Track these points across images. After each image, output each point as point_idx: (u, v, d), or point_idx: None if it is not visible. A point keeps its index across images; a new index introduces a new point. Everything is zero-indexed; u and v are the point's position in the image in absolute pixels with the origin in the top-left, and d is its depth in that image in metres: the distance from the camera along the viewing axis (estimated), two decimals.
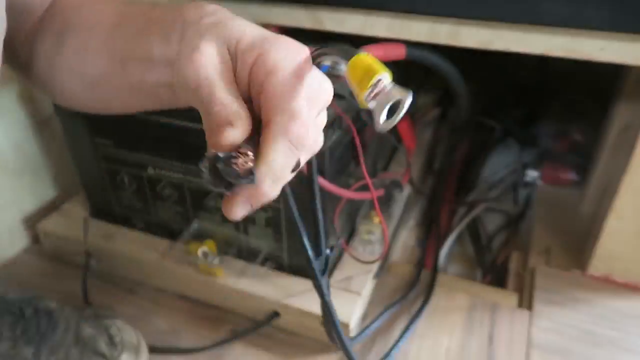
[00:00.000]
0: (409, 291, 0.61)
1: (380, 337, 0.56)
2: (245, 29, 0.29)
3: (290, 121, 0.26)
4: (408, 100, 0.24)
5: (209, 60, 0.28)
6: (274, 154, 0.26)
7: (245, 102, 0.28)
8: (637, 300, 0.60)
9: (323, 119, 0.31)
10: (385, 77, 0.25)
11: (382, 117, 0.24)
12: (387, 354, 0.54)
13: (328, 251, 0.44)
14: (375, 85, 0.24)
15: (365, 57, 0.26)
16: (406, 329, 0.56)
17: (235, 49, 0.29)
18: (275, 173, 0.27)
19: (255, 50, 0.28)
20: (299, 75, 0.27)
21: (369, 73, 0.25)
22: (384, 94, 0.24)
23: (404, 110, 0.24)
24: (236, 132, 0.26)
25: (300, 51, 0.29)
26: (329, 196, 0.52)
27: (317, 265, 0.44)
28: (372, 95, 0.24)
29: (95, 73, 0.37)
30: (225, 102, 0.27)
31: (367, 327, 0.56)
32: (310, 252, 0.43)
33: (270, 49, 0.28)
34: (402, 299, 0.60)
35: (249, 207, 0.28)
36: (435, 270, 0.65)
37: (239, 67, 0.29)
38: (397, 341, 0.55)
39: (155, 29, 0.32)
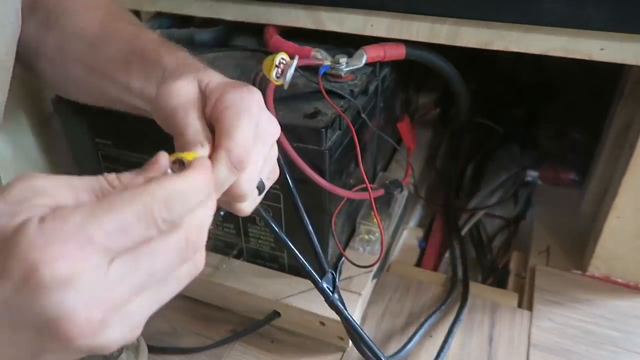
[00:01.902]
0: (445, 301, 0.60)
1: (380, 336, 0.56)
2: (214, 75, 0.36)
3: (234, 145, 0.31)
4: (295, 62, 0.35)
5: (185, 92, 0.34)
6: (217, 170, 0.31)
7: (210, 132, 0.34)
8: (637, 300, 0.60)
9: (274, 153, 0.37)
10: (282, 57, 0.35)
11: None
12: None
13: (332, 271, 0.46)
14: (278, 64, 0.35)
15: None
16: (447, 338, 0.55)
17: (205, 88, 0.34)
18: (217, 185, 0.31)
19: (220, 90, 0.34)
20: (249, 113, 0.33)
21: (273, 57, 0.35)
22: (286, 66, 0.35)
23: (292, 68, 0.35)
24: (204, 151, 0.32)
25: (255, 94, 0.34)
26: (328, 196, 0.52)
27: (326, 283, 0.45)
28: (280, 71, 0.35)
29: (74, 74, 0.41)
30: (197, 127, 0.33)
31: (406, 343, 0.54)
32: (315, 275, 0.45)
33: (230, 91, 0.33)
34: (442, 307, 0.59)
35: None
36: (466, 278, 0.64)
37: (207, 103, 0.34)
38: (440, 352, 0.53)
39: (137, 63, 0.38)
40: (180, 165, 0.29)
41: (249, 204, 0.35)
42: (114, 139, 0.58)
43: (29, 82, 0.66)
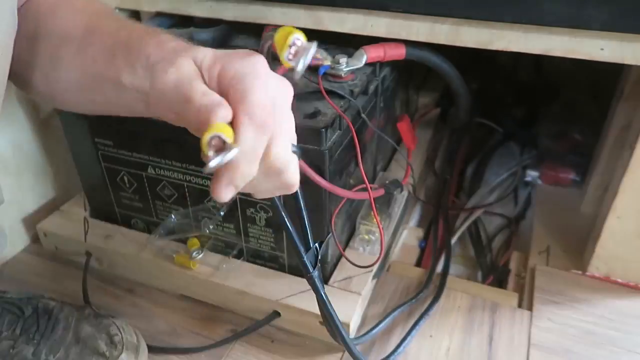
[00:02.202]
0: (419, 293, 0.61)
1: (381, 338, 0.56)
2: (207, 50, 0.34)
3: (253, 107, 0.30)
4: (313, 48, 0.30)
5: (185, 67, 0.33)
6: (243, 135, 0.30)
7: None
8: (637, 300, 0.60)
9: (291, 115, 0.34)
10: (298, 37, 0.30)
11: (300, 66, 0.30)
12: (391, 354, 0.53)
13: (317, 245, 0.45)
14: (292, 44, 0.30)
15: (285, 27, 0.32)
16: (410, 329, 0.56)
17: (201, 64, 0.33)
18: (247, 152, 0.30)
19: (218, 63, 0.32)
20: (257, 76, 0.31)
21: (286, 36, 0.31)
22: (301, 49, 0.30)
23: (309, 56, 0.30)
24: (226, 110, 0.30)
25: (258, 58, 0.33)
26: (328, 196, 0.52)
27: (308, 258, 0.44)
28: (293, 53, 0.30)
29: (70, 81, 0.40)
30: (208, 91, 0.31)
31: (373, 327, 0.55)
32: (300, 247, 0.44)
33: (231, 60, 0.32)
34: (413, 300, 0.60)
35: (232, 188, 0.31)
36: (446, 273, 0.64)
37: (206, 79, 0.33)
38: (401, 343, 0.55)
39: (121, 55, 0.36)
40: (218, 142, 0.28)
41: (293, 174, 0.34)
42: (114, 139, 0.58)
43: None
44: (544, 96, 0.98)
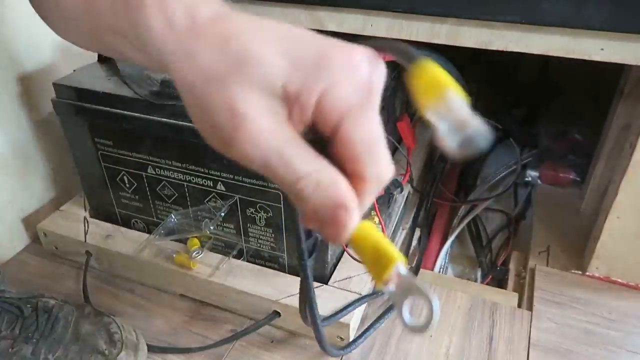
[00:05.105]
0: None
1: (380, 340, 0.56)
2: (280, 63, 0.21)
3: (382, 172, 0.23)
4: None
5: (263, 125, 0.21)
6: (368, 202, 0.24)
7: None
8: (637, 300, 0.60)
9: None
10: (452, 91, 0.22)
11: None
12: (352, 343, 0.54)
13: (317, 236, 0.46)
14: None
15: (430, 67, 0.23)
16: (374, 322, 0.56)
17: (284, 93, 0.21)
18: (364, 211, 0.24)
19: (313, 86, 0.21)
20: (373, 107, 0.22)
21: (438, 87, 0.22)
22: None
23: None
24: (354, 216, 0.22)
25: (366, 70, 0.23)
26: None
27: (306, 245, 0.44)
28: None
29: (69, 12, 0.31)
30: (319, 175, 0.21)
31: (336, 313, 0.54)
32: (302, 234, 0.44)
33: (335, 82, 0.22)
34: (373, 295, 0.59)
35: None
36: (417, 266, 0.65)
37: (295, 112, 0.22)
38: (365, 331, 0.55)
39: (119, 27, 0.26)
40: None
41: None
42: (114, 139, 0.58)
43: (28, 82, 0.66)
44: (544, 96, 0.98)
